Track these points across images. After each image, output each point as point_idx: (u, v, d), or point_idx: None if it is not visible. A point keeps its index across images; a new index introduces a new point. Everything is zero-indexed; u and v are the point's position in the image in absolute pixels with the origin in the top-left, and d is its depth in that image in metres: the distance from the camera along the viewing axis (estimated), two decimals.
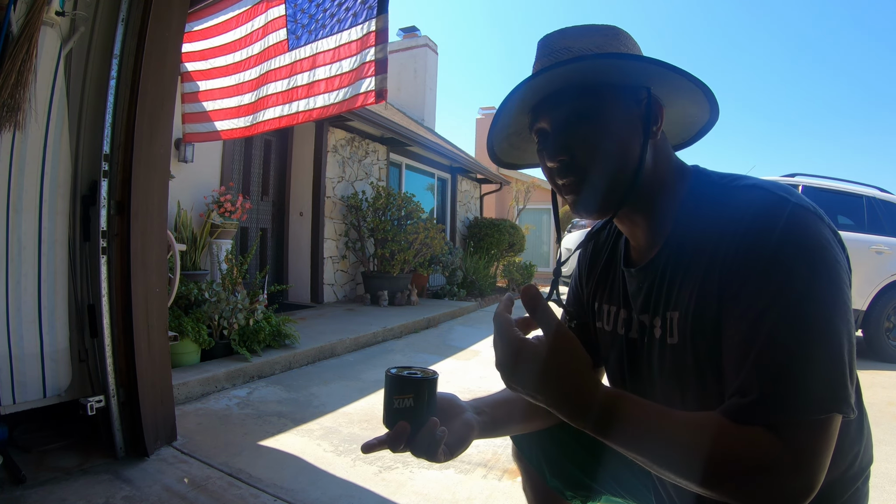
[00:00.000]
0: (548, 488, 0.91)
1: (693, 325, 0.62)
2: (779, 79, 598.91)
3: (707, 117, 0.73)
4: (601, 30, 0.68)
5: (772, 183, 0.61)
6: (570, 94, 0.66)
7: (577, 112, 0.66)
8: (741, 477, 0.51)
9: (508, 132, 0.77)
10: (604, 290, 0.82)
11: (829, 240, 0.56)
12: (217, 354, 3.12)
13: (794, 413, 0.51)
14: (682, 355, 0.64)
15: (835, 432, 0.52)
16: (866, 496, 0.68)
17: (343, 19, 2.00)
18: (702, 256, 0.61)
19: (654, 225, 0.70)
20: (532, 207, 12.94)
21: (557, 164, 0.67)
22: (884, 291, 4.38)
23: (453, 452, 0.70)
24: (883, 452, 2.17)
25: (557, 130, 0.67)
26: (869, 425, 0.71)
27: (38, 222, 1.75)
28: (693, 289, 0.62)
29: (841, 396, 0.51)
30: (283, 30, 2.27)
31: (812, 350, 0.52)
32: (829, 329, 0.52)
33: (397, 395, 0.65)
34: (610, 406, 0.55)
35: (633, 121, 0.66)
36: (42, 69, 1.69)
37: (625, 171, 0.66)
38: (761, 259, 0.55)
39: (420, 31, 11.17)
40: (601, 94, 0.65)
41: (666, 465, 0.54)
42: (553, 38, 0.69)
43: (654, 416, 0.55)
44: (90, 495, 1.55)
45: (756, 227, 0.57)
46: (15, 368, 1.69)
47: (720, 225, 0.60)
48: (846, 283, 0.55)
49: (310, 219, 5.93)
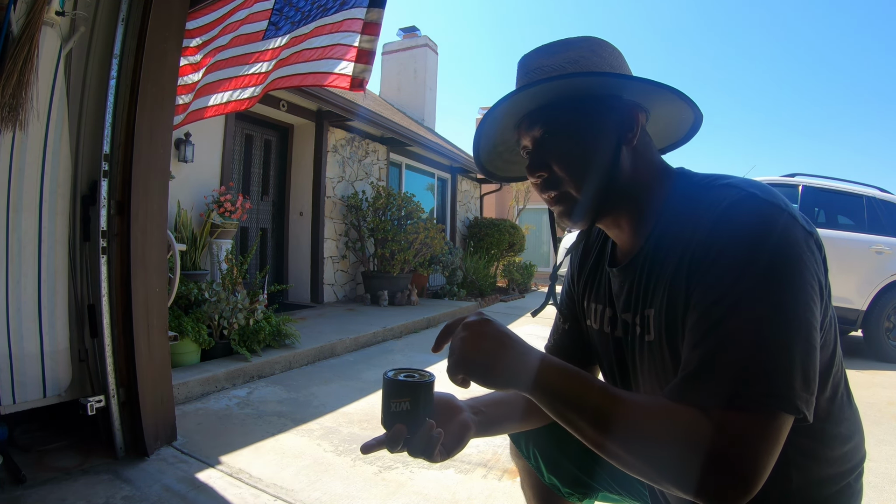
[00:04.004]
0: (545, 486, 0.92)
1: (666, 322, 0.63)
2: (779, 80, 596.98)
3: (691, 118, 0.75)
4: (577, 43, 0.71)
5: (748, 181, 0.62)
6: (544, 113, 0.69)
7: (551, 129, 0.69)
8: (666, 455, 0.51)
9: (498, 150, 0.81)
10: (592, 289, 0.84)
11: (798, 239, 0.56)
12: (217, 354, 3.12)
13: (726, 395, 0.50)
14: (659, 352, 0.65)
15: (777, 432, 0.50)
16: (859, 493, 0.68)
17: (330, 8, 1.97)
18: (674, 252, 0.63)
19: (636, 226, 0.72)
20: (532, 207, 12.95)
21: (537, 180, 0.71)
22: (884, 291, 4.38)
23: (450, 452, 0.72)
24: (883, 453, 2.17)
25: (535, 148, 0.71)
26: (861, 422, 0.71)
27: (38, 222, 1.75)
28: (665, 285, 0.63)
29: (783, 394, 0.50)
30: (263, 21, 2.24)
31: (757, 339, 0.51)
32: (778, 325, 0.52)
33: (394, 399, 0.66)
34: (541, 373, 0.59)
35: (606, 129, 0.68)
36: (42, 69, 1.69)
37: (601, 178, 0.68)
38: (725, 250, 0.56)
39: (420, 31, 11.17)
40: (574, 110, 0.68)
41: (600, 440, 0.56)
42: (529, 59, 0.73)
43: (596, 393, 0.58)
44: (90, 495, 1.55)
45: (723, 221, 0.58)
46: (15, 368, 1.70)
47: (692, 222, 0.61)
48: (811, 284, 0.55)
49: (310, 219, 5.93)
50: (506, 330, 0.63)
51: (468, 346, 0.61)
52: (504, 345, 0.61)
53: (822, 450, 0.64)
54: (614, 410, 0.55)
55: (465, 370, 0.61)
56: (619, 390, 0.58)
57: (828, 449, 0.64)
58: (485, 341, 0.61)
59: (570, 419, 0.58)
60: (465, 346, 0.61)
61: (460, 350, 0.61)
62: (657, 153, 0.74)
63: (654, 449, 0.52)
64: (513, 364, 0.60)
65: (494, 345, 0.61)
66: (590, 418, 0.56)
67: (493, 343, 0.61)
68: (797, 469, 0.62)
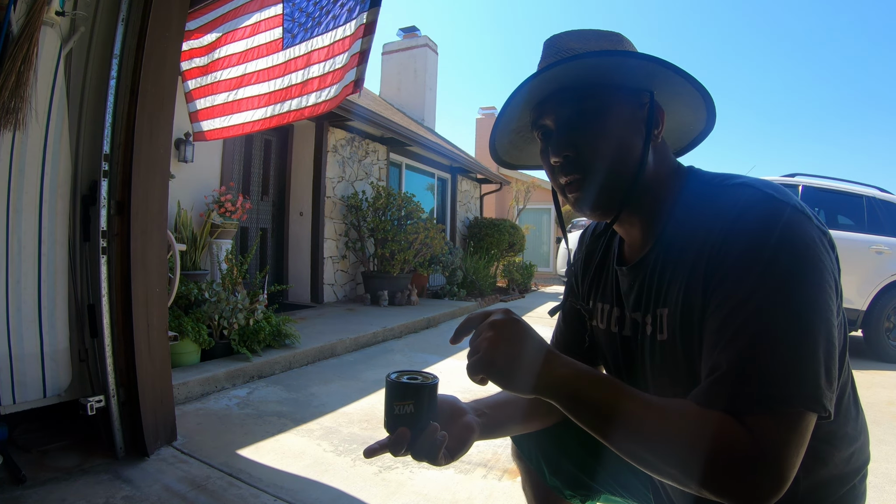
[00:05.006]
0: (547, 487, 0.92)
1: (681, 321, 0.62)
2: (778, 81, 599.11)
3: (702, 126, 0.74)
4: (605, 35, 0.69)
5: (762, 181, 0.62)
6: (575, 93, 0.66)
7: (582, 111, 0.66)
8: (699, 460, 0.51)
9: (511, 128, 0.77)
10: (598, 288, 0.83)
11: (815, 238, 0.56)
12: (217, 354, 3.12)
13: (757, 399, 0.50)
14: (672, 352, 0.65)
15: (805, 431, 0.51)
16: (863, 495, 0.68)
17: (338, 15, 1.99)
18: (689, 253, 0.62)
19: (649, 225, 0.71)
20: (532, 207, 12.94)
21: (562, 159, 0.68)
22: (884, 291, 4.38)
23: (454, 455, 0.71)
24: (883, 452, 2.17)
25: (562, 127, 0.68)
26: (866, 423, 0.71)
27: (38, 222, 1.75)
28: (681, 285, 0.63)
29: (811, 394, 0.50)
30: (278, 28, 2.26)
31: (783, 341, 0.51)
32: (803, 325, 0.52)
33: (398, 402, 0.65)
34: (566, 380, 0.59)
35: (636, 123, 0.67)
36: (42, 69, 1.69)
37: (626, 171, 0.67)
38: (744, 252, 0.56)
39: (420, 31, 11.17)
40: (605, 96, 0.66)
41: (630, 447, 0.55)
42: (559, 39, 0.70)
43: (621, 396, 0.57)
44: (90, 495, 1.55)
45: (741, 222, 0.57)
46: (15, 368, 1.69)
47: (708, 222, 0.61)
48: (829, 283, 0.55)
49: (310, 219, 5.93)
50: (533, 333, 0.61)
51: (492, 348, 0.59)
52: (530, 350, 0.60)
53: (829, 451, 0.63)
54: (646, 417, 0.54)
55: (486, 371, 0.60)
56: (650, 396, 0.57)
57: (835, 450, 0.64)
58: (510, 345, 0.59)
59: (600, 427, 0.57)
60: (490, 347, 0.60)
61: (484, 351, 0.60)
62: (671, 152, 0.74)
63: (687, 455, 0.52)
64: (538, 371, 0.59)
65: (519, 349, 0.59)
66: (621, 426, 0.55)
67: (518, 347, 0.59)
68: (805, 471, 0.61)
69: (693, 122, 0.74)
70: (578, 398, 0.58)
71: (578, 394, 0.58)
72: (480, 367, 0.60)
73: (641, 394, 0.57)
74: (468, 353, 0.62)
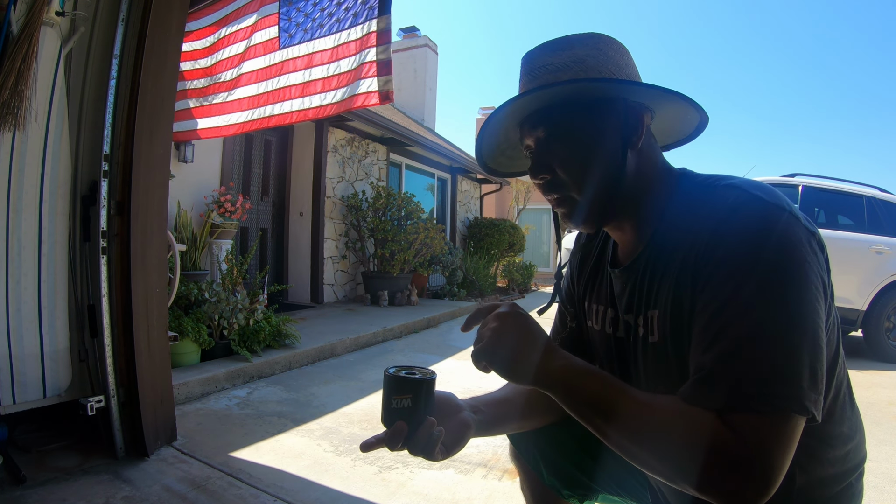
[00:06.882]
0: (545, 487, 0.92)
1: (672, 323, 0.63)
2: (778, 82, 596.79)
3: (697, 115, 0.74)
4: (582, 41, 0.69)
5: (751, 183, 0.62)
6: (549, 114, 0.68)
7: (555, 130, 0.68)
8: (684, 457, 0.52)
9: (501, 148, 0.80)
10: (593, 290, 0.84)
11: (801, 239, 0.56)
12: (217, 354, 3.12)
13: (739, 398, 0.51)
14: (663, 353, 0.65)
15: (792, 432, 0.51)
16: (860, 493, 0.68)
17: (343, 19, 2.00)
18: (678, 255, 0.63)
19: (639, 227, 0.71)
20: (532, 207, 12.95)
21: (541, 181, 0.70)
22: (884, 291, 4.38)
23: (450, 451, 0.72)
24: (883, 452, 2.16)
25: (538, 150, 0.70)
26: (862, 422, 0.71)
27: (38, 222, 1.75)
28: (670, 287, 0.63)
29: (793, 395, 0.51)
30: (273, 27, 2.26)
31: (767, 341, 0.52)
32: (787, 326, 0.52)
33: (395, 396, 0.66)
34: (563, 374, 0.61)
35: (612, 132, 0.67)
36: (42, 69, 1.69)
37: (606, 183, 0.68)
38: (730, 253, 0.56)
39: (420, 31, 11.18)
40: (578, 111, 0.67)
41: (620, 441, 0.57)
42: (533, 56, 0.71)
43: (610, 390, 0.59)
44: (90, 495, 1.55)
45: (728, 223, 0.58)
46: (15, 368, 1.69)
47: (696, 224, 0.61)
48: (815, 285, 0.55)
49: (310, 219, 5.93)
50: (535, 327, 0.64)
51: (495, 337, 0.62)
52: (530, 342, 0.62)
53: (824, 449, 0.64)
54: (635, 412, 0.56)
55: (488, 360, 0.63)
56: (640, 392, 0.59)
57: (830, 448, 0.64)
58: (513, 336, 0.62)
59: (592, 420, 0.59)
60: (493, 336, 0.62)
61: (488, 340, 0.63)
62: (660, 153, 0.74)
63: (673, 451, 0.53)
64: (537, 362, 0.61)
65: (521, 341, 0.62)
66: (611, 419, 0.57)
67: (520, 339, 0.62)
68: (801, 469, 0.62)
69: (686, 114, 0.73)
70: (572, 390, 0.60)
71: (572, 386, 0.60)
72: (484, 354, 0.63)
73: (632, 389, 0.59)
74: (474, 341, 0.65)
